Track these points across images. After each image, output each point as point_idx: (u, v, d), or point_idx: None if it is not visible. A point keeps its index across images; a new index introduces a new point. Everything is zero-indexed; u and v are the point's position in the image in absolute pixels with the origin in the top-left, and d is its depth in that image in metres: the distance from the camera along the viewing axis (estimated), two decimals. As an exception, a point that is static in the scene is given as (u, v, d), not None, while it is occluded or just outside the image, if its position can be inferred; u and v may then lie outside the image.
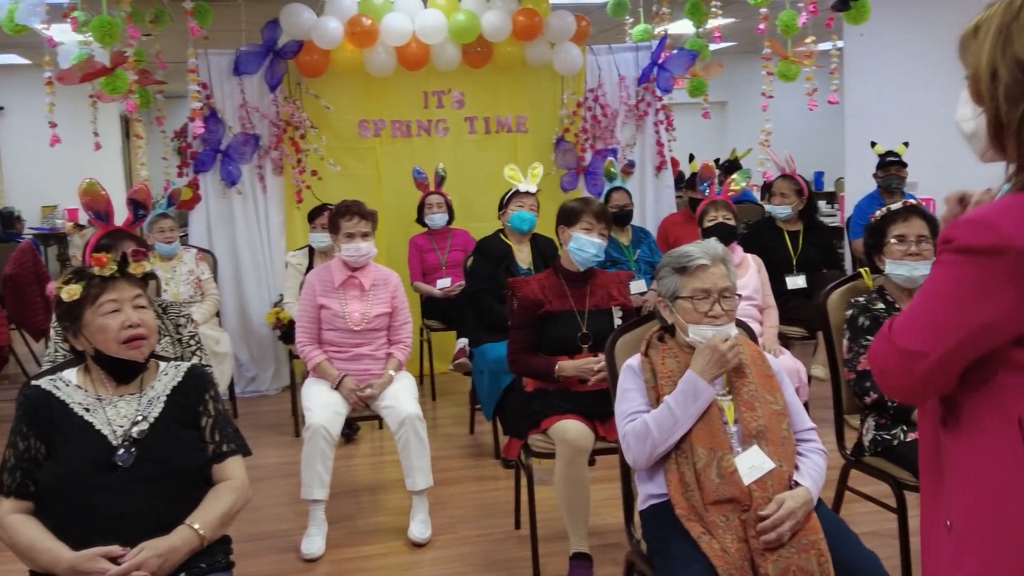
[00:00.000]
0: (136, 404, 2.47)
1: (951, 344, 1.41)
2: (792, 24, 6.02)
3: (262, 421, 5.86)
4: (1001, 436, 1.41)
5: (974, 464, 1.46)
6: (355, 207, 4.17)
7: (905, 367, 1.46)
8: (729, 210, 4.74)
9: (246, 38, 6.51)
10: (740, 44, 11.15)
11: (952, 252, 1.40)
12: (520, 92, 6.88)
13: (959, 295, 1.40)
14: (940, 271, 1.44)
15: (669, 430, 2.50)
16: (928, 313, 1.44)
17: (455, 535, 3.99)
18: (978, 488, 1.45)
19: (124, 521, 2.31)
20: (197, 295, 5.67)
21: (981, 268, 1.37)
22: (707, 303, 2.63)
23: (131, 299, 2.51)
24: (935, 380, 1.45)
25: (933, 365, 1.43)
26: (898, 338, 1.47)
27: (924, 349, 1.43)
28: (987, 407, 1.44)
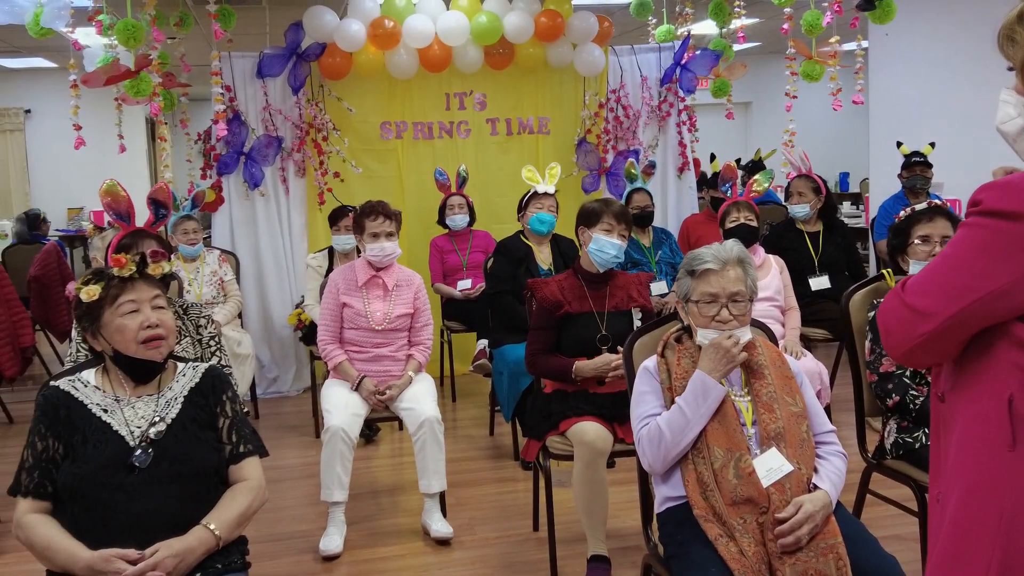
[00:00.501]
0: (154, 405, 2.48)
1: (958, 308, 1.39)
2: (816, 24, 5.97)
3: (283, 422, 5.88)
4: (990, 409, 1.40)
5: (964, 437, 1.45)
6: (380, 207, 4.18)
7: (910, 325, 1.45)
8: (751, 211, 4.70)
9: (270, 41, 6.55)
10: (764, 44, 11.08)
11: (977, 214, 1.39)
12: (542, 93, 6.88)
13: (976, 258, 1.38)
14: (963, 232, 1.42)
15: (681, 431, 2.49)
16: (943, 274, 1.43)
17: (474, 536, 3.98)
18: (962, 462, 1.45)
19: (141, 521, 2.32)
20: (220, 296, 5.70)
21: (1002, 232, 1.35)
22: (714, 307, 2.62)
23: (150, 299, 2.51)
24: (936, 344, 1.44)
25: (937, 327, 1.42)
26: (909, 296, 1.46)
27: (932, 309, 1.42)
28: (983, 382, 1.43)
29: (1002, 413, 1.38)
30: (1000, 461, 1.39)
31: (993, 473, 1.40)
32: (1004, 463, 1.38)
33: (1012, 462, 1.38)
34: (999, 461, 1.39)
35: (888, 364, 3.11)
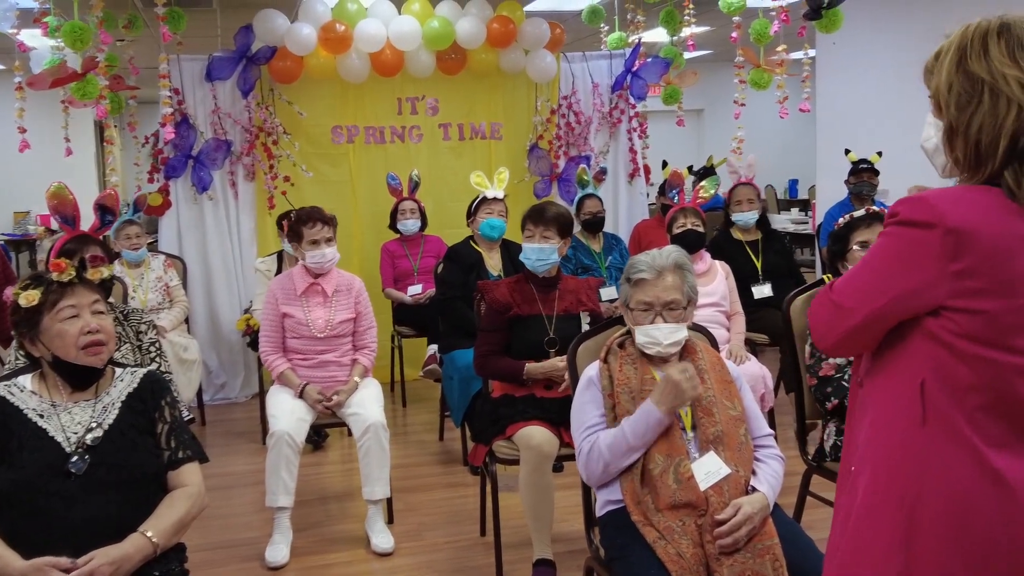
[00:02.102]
0: (91, 411, 2.45)
1: (876, 307, 1.60)
2: (764, 33, 6.04)
3: (231, 428, 5.83)
4: (904, 395, 1.60)
5: (878, 417, 1.65)
6: (316, 213, 4.15)
7: (835, 320, 1.66)
8: (698, 217, 4.75)
9: (221, 44, 6.50)
10: (716, 52, 11.21)
11: (894, 224, 1.59)
12: (494, 99, 6.89)
13: (891, 264, 1.59)
14: (882, 240, 1.62)
15: (622, 455, 2.52)
16: (864, 276, 1.63)
17: (421, 542, 3.98)
18: (874, 438, 1.65)
19: (79, 528, 2.29)
20: (166, 302, 5.64)
21: (914, 240, 1.55)
22: (649, 315, 2.65)
23: (89, 305, 2.49)
24: (858, 337, 1.65)
25: (859, 323, 1.62)
26: (836, 295, 1.66)
27: (855, 307, 1.62)
28: (897, 368, 1.63)
29: (915, 395, 1.58)
30: (912, 436, 1.58)
31: (906, 447, 1.59)
32: (916, 438, 1.58)
33: (923, 436, 1.57)
34: (911, 436, 1.58)
35: (828, 368, 3.16)
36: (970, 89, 1.59)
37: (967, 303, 1.53)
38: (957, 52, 1.63)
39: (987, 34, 1.62)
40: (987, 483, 1.52)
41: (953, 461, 1.54)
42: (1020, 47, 1.59)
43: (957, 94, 1.61)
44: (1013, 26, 1.61)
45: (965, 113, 1.60)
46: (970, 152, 1.60)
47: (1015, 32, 1.60)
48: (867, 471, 1.64)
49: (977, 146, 1.59)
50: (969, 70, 1.60)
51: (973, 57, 1.60)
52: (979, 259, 1.51)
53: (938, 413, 1.56)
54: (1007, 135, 1.55)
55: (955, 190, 1.59)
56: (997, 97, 1.57)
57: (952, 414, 1.55)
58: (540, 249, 3.69)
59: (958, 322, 1.54)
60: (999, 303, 1.52)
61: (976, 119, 1.59)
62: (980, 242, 1.51)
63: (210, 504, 2.61)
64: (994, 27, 1.62)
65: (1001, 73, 1.57)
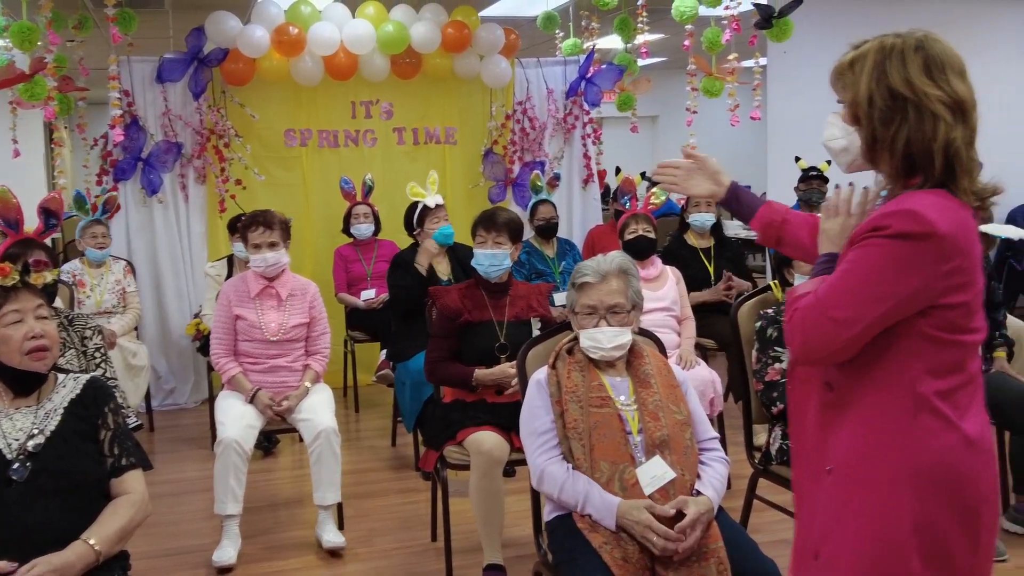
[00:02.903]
0: (32, 417, 2.42)
1: (878, 313, 1.69)
2: (716, 41, 6.12)
3: (180, 435, 5.76)
4: (896, 392, 1.73)
5: (866, 416, 1.76)
6: (260, 217, 4.12)
7: (835, 334, 1.72)
8: (649, 223, 4.79)
9: (173, 45, 6.43)
10: (671, 60, 11.31)
11: (883, 237, 1.68)
12: (449, 104, 6.89)
13: (892, 271, 1.67)
14: (870, 252, 1.70)
15: (571, 506, 2.53)
16: (861, 287, 1.70)
17: (372, 548, 3.96)
18: (868, 435, 1.75)
19: (21, 536, 2.27)
20: (119, 306, 5.59)
21: (912, 249, 1.66)
22: (593, 318, 2.68)
23: (33, 309, 2.47)
24: (855, 344, 1.73)
25: (860, 331, 1.71)
26: (831, 310, 1.71)
27: (856, 316, 1.70)
28: (885, 368, 1.73)
29: (906, 391, 1.72)
30: (905, 428, 1.72)
31: (903, 439, 1.72)
32: (909, 430, 1.72)
33: (914, 428, 1.72)
34: (905, 429, 1.72)
35: (773, 373, 3.21)
36: (893, 105, 1.70)
37: (952, 298, 1.69)
38: (876, 67, 1.73)
39: (904, 52, 1.72)
40: (966, 449, 1.73)
41: (942, 440, 1.71)
42: (935, 65, 1.70)
43: (880, 110, 1.71)
44: (927, 45, 1.72)
45: (890, 129, 1.71)
46: (898, 163, 1.73)
47: (929, 51, 1.71)
48: (867, 466, 1.75)
49: (907, 159, 1.72)
50: (891, 87, 1.70)
51: (893, 74, 1.71)
52: (961, 257, 1.68)
53: (925, 403, 1.72)
54: (940, 151, 1.69)
55: (927, 199, 1.68)
56: (922, 114, 1.69)
57: (936, 400, 1.72)
58: (492, 255, 3.70)
59: (944, 317, 1.70)
60: (972, 291, 1.71)
61: (903, 134, 1.70)
62: (959, 242, 1.67)
63: (157, 511, 2.59)
64: (910, 45, 1.72)
65: (922, 91, 1.69)
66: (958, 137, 1.70)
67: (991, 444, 1.80)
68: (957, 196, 1.71)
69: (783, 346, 3.24)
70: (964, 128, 1.71)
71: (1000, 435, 4.01)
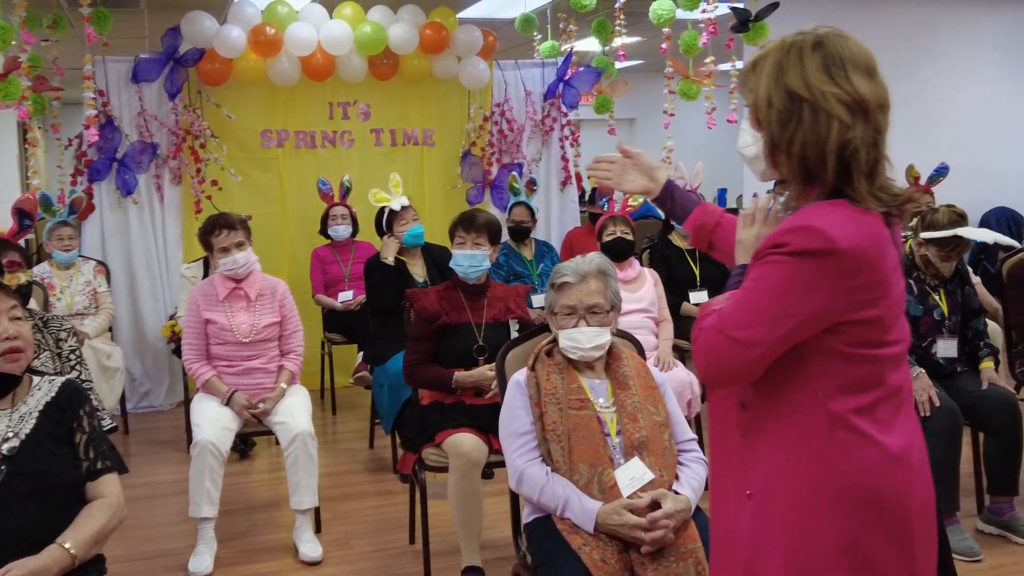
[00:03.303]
0: (7, 420, 2.39)
1: (782, 333, 1.62)
2: (693, 44, 6.16)
3: (156, 437, 5.71)
4: (808, 412, 1.66)
5: (782, 437, 1.69)
6: (221, 220, 4.10)
7: (738, 355, 1.65)
8: (627, 225, 4.80)
9: (148, 45, 6.38)
10: (648, 63, 11.33)
11: (784, 254, 1.61)
12: (427, 105, 6.88)
13: (793, 289, 1.61)
14: (771, 270, 1.63)
15: (551, 508, 2.54)
16: (763, 307, 1.63)
17: (349, 551, 3.95)
18: (785, 457, 1.68)
19: (-5, 539, 2.24)
20: (91, 307, 5.54)
21: (812, 266, 1.59)
22: (572, 319, 2.69)
23: (7, 310, 2.44)
24: (761, 365, 1.66)
25: (765, 351, 1.63)
26: (733, 331, 1.65)
27: (760, 337, 1.63)
28: (797, 387, 1.67)
29: (818, 410, 1.65)
30: (822, 448, 1.65)
31: (820, 459, 1.65)
32: (826, 450, 1.65)
33: (831, 447, 1.65)
34: (822, 449, 1.65)
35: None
36: (790, 106, 1.63)
37: (862, 314, 1.62)
38: (775, 67, 1.66)
39: (803, 50, 1.64)
40: (889, 464, 1.66)
41: (862, 459, 1.64)
42: (834, 63, 1.63)
43: (778, 111, 1.64)
44: (827, 42, 1.64)
45: (787, 130, 1.64)
46: (795, 167, 1.66)
47: (829, 48, 1.64)
48: (787, 489, 1.68)
49: (803, 162, 1.64)
50: (788, 87, 1.63)
51: (791, 74, 1.64)
52: (868, 271, 1.60)
53: (841, 421, 1.64)
54: (832, 152, 1.61)
55: (827, 212, 1.61)
56: (817, 114, 1.61)
57: (852, 417, 1.64)
58: (471, 256, 3.70)
59: (854, 333, 1.63)
60: (883, 305, 1.64)
61: (798, 136, 1.63)
62: (866, 255, 1.59)
63: (132, 514, 2.57)
64: (808, 43, 1.65)
65: (819, 90, 1.61)
66: (856, 137, 1.61)
67: (920, 457, 1.72)
68: (857, 203, 1.63)
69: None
70: (865, 128, 1.62)
71: (975, 436, 4.05)
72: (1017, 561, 3.67)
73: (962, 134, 8.21)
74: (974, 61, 8.44)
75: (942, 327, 3.91)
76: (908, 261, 3.96)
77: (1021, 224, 8.38)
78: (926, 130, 7.90)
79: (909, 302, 3.88)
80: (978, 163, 8.22)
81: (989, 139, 8.45)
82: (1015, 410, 3.83)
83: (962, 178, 7.46)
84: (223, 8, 6.46)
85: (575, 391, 2.63)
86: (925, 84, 8.15)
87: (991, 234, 3.73)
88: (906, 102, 8.48)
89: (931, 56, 8.19)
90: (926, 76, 8.15)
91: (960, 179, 6.53)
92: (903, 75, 7.96)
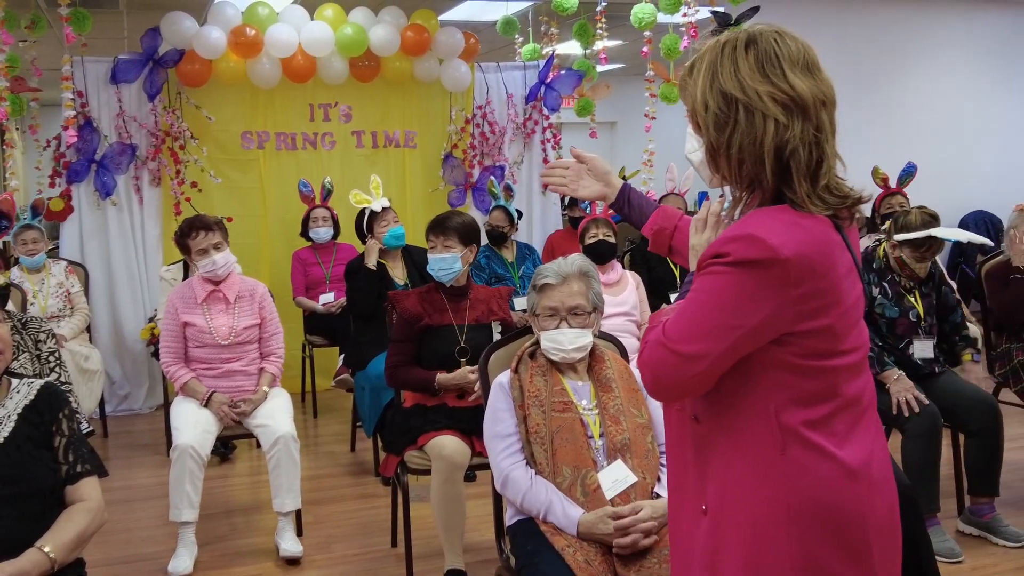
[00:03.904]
0: (-15, 423, 2.36)
1: (725, 346, 1.55)
2: (674, 48, 6.18)
3: (135, 440, 5.67)
4: (760, 426, 1.59)
5: (734, 452, 1.63)
6: (198, 222, 4.07)
7: (683, 369, 1.59)
8: (610, 228, 4.81)
9: (128, 46, 6.35)
10: (630, 66, 11.37)
11: (725, 264, 1.55)
12: (409, 107, 6.88)
13: (735, 301, 1.54)
14: (712, 281, 1.57)
15: (534, 515, 2.53)
16: (706, 319, 1.57)
17: (330, 555, 3.93)
18: (737, 473, 1.62)
19: (-27, 545, 2.21)
20: (66, 309, 5.49)
21: (755, 277, 1.53)
22: (554, 320, 2.69)
23: (-16, 312, 2.41)
24: (705, 380, 1.60)
25: (710, 365, 1.57)
26: (677, 345, 1.59)
27: (702, 351, 1.56)
28: (748, 402, 1.61)
29: (769, 425, 1.58)
30: (774, 464, 1.59)
31: (772, 475, 1.59)
32: (778, 465, 1.59)
33: (784, 462, 1.59)
34: (774, 464, 1.59)
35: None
36: (725, 109, 1.57)
37: (810, 324, 1.56)
38: (709, 70, 1.60)
39: (735, 50, 1.59)
40: (846, 480, 1.59)
41: (817, 475, 1.58)
42: (768, 61, 1.57)
43: (714, 114, 1.59)
44: (760, 39, 1.59)
45: (724, 134, 1.58)
46: (735, 171, 1.60)
47: (762, 46, 1.58)
48: (740, 506, 1.62)
49: (740, 165, 1.59)
50: (723, 89, 1.58)
51: (724, 75, 1.58)
52: (815, 279, 1.54)
53: (794, 435, 1.58)
54: (769, 152, 1.55)
55: (768, 220, 1.56)
56: (752, 115, 1.56)
57: (805, 431, 1.58)
58: (442, 259, 3.69)
59: (803, 344, 1.57)
60: (835, 313, 1.58)
61: (735, 139, 1.57)
62: (812, 263, 1.53)
63: (112, 518, 2.54)
64: (741, 42, 1.59)
65: (753, 90, 1.56)
66: (795, 136, 1.54)
67: (881, 469, 1.66)
68: (799, 207, 1.57)
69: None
70: (805, 126, 1.56)
71: (955, 437, 4.08)
72: (997, 562, 3.69)
73: (940, 137, 8.28)
74: (949, 62, 8.51)
75: (918, 328, 3.94)
76: (883, 264, 3.99)
77: (999, 227, 8.46)
78: (903, 133, 7.97)
79: (884, 304, 3.91)
80: (956, 166, 8.30)
81: (967, 142, 8.52)
82: (994, 411, 3.86)
83: (940, 181, 7.54)
84: (203, 9, 6.43)
85: (558, 393, 2.63)
86: (902, 87, 8.22)
87: (965, 233, 3.75)
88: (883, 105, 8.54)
89: (908, 59, 8.26)
90: (902, 79, 8.22)
91: (938, 182, 6.59)
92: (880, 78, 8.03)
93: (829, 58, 1.66)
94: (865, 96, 7.79)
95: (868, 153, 6.01)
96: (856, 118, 7.33)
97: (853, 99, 7.32)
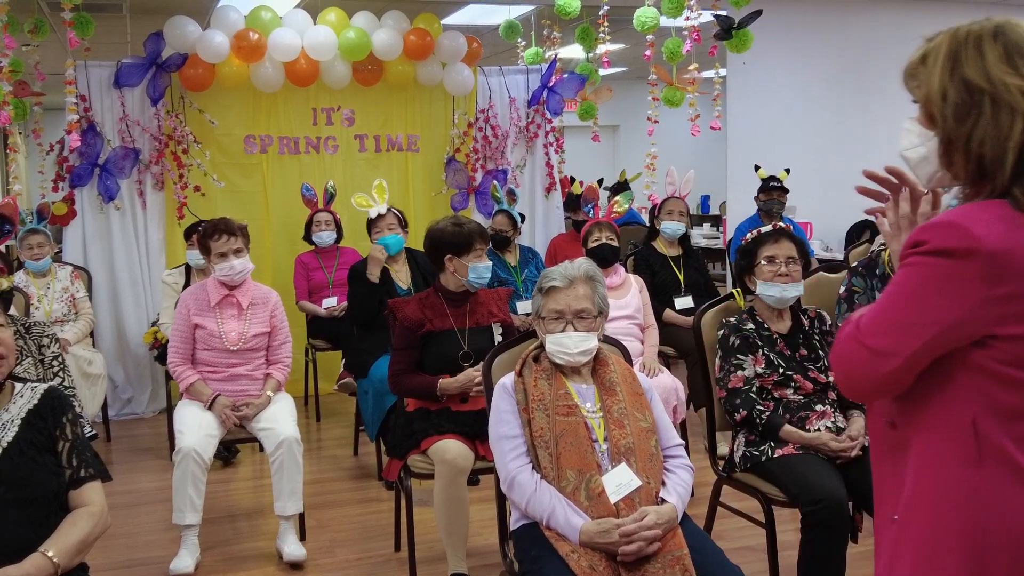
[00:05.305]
0: (-11, 428, 2.36)
1: (920, 343, 1.47)
2: (677, 51, 6.18)
3: (138, 444, 5.67)
4: (954, 435, 1.49)
5: (925, 460, 1.53)
6: (223, 225, 4.07)
7: (873, 366, 1.51)
8: (612, 231, 4.81)
9: (131, 50, 6.35)
10: (632, 70, 11.38)
11: (923, 254, 1.47)
12: (411, 111, 6.88)
13: (930, 295, 1.46)
14: (910, 272, 1.49)
15: (539, 520, 2.52)
16: (899, 313, 1.50)
17: (333, 559, 3.92)
18: (924, 483, 1.52)
19: (-24, 549, 2.21)
20: (71, 313, 5.49)
21: (953, 269, 1.44)
22: (560, 323, 2.68)
23: (-11, 317, 2.41)
24: (899, 378, 1.51)
25: (901, 363, 1.48)
26: (867, 339, 1.52)
27: (894, 348, 1.48)
28: (943, 407, 1.51)
29: (966, 433, 1.48)
30: (967, 478, 1.48)
31: (962, 490, 1.48)
32: (971, 479, 1.48)
33: (978, 477, 1.47)
34: (966, 478, 1.48)
35: (736, 380, 3.23)
36: (968, 99, 1.49)
37: (1015, 329, 1.44)
38: (950, 58, 1.52)
39: (981, 39, 1.51)
40: None
41: (1013, 498, 1.46)
42: (1018, 52, 1.49)
43: (954, 104, 1.50)
44: (1007, 30, 1.51)
45: (965, 125, 1.49)
46: (972, 167, 1.50)
47: (1010, 37, 1.50)
48: (919, 519, 1.53)
49: (980, 160, 1.49)
50: (966, 78, 1.50)
51: (969, 64, 1.50)
52: (1020, 280, 1.43)
53: (992, 449, 1.47)
54: (1014, 148, 1.46)
55: (974, 209, 1.47)
56: (999, 107, 1.47)
57: (1006, 448, 1.47)
58: (486, 267, 3.73)
59: (1007, 350, 1.45)
60: None
61: (978, 132, 1.48)
62: (1014, 262, 1.43)
63: (115, 522, 2.54)
64: (988, 31, 1.51)
65: (1001, 81, 1.47)
66: None
67: None
68: (1020, 206, 1.46)
69: (745, 354, 3.26)
70: None
71: None
72: None
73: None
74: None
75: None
76: (886, 270, 3.96)
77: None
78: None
79: None
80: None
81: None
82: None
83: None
84: (206, 13, 6.44)
85: (562, 397, 2.63)
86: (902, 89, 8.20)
87: None
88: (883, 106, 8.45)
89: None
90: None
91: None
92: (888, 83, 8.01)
93: (831, 64, 1.65)
94: (869, 99, 7.80)
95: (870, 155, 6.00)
96: (858, 120, 7.35)
97: (861, 105, 7.34)
